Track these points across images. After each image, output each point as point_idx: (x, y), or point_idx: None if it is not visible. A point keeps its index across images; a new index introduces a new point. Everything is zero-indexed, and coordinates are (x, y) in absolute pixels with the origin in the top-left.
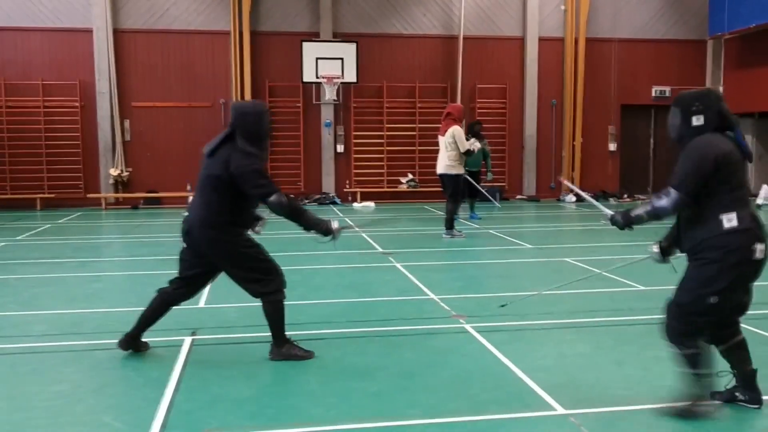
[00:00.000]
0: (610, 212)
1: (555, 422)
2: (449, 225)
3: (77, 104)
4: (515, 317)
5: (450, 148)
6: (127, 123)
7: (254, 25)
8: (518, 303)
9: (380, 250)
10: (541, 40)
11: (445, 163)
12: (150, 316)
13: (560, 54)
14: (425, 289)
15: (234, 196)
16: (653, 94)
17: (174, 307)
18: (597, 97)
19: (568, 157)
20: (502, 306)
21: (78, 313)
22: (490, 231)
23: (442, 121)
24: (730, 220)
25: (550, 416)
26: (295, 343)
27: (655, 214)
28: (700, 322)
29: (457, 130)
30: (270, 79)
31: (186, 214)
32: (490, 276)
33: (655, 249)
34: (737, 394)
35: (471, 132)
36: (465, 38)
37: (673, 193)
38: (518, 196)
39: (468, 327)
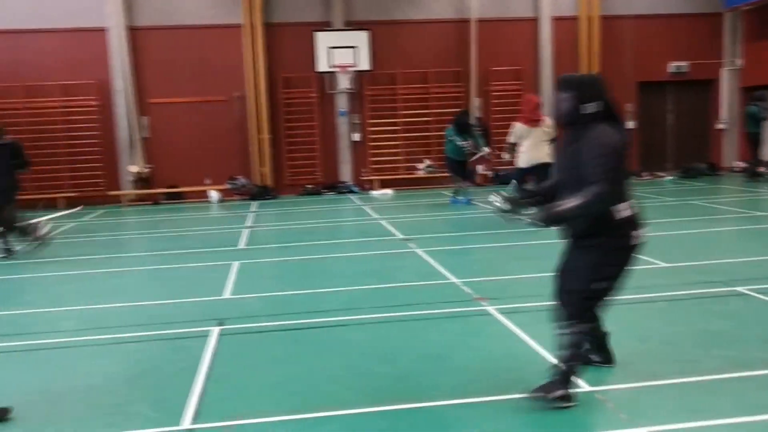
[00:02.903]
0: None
1: (581, 399)
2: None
3: (95, 103)
4: (537, 298)
5: (548, 137)
6: (145, 120)
7: (267, 17)
8: (539, 283)
9: (400, 236)
10: (554, 19)
11: (548, 152)
12: None
13: (574, 33)
14: (446, 273)
15: None
16: (670, 70)
17: (200, 299)
18: (613, 76)
19: None
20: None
21: (106, 307)
22: None
23: (534, 113)
24: (623, 210)
25: (576, 393)
26: None
27: (583, 212)
28: (588, 305)
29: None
30: (284, 71)
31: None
32: (511, 258)
33: (496, 199)
34: (591, 356)
35: (462, 123)
36: (477, 21)
37: (598, 189)
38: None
39: (490, 309)
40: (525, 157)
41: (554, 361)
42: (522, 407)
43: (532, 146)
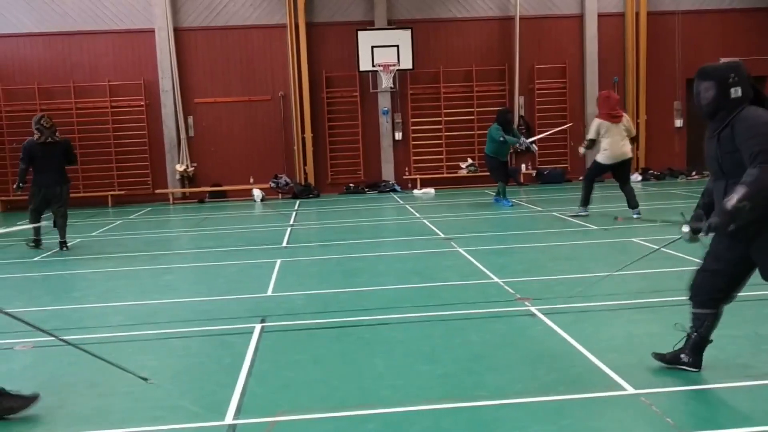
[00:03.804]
0: (690, 225)
1: (625, 402)
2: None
3: (142, 103)
4: (581, 299)
5: (627, 133)
6: (190, 119)
7: (309, 17)
8: (583, 283)
9: (442, 235)
10: (600, 16)
11: (629, 148)
12: None
13: (621, 30)
14: (488, 273)
15: None
16: None
17: (243, 296)
18: (661, 73)
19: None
20: (579, 290)
21: (152, 303)
22: (553, 213)
23: (615, 108)
24: None
25: (621, 396)
26: (12, 392)
27: (757, 197)
28: None
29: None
30: (327, 70)
31: None
32: (554, 258)
33: (686, 229)
34: (682, 356)
35: (506, 120)
36: (521, 18)
37: (758, 170)
38: (581, 178)
39: (533, 309)
40: (607, 154)
41: None
42: (565, 409)
43: (614, 143)
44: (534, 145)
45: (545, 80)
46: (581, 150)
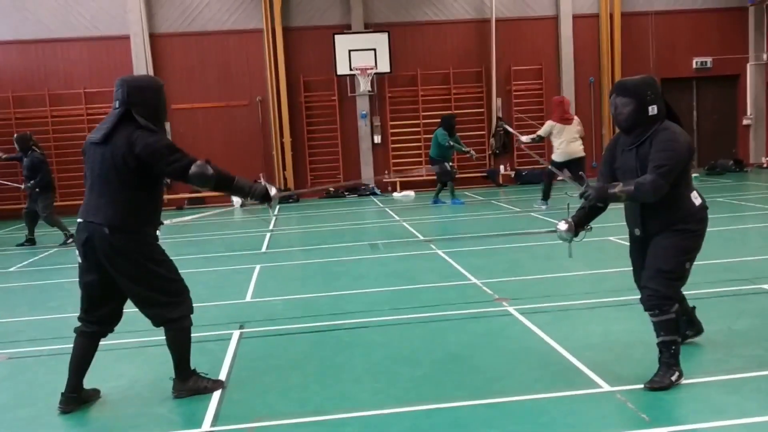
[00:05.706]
0: (582, 187)
1: (601, 399)
2: None
3: None
4: (559, 298)
5: (579, 134)
6: (168, 125)
7: (286, 21)
8: (561, 283)
9: (421, 237)
10: (575, 17)
11: (581, 147)
12: (83, 361)
13: (596, 31)
14: (467, 274)
15: (146, 188)
16: (694, 66)
17: (222, 302)
18: (636, 72)
19: (609, 135)
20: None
21: (129, 312)
22: (531, 213)
23: (567, 112)
24: (696, 198)
25: (596, 393)
26: (202, 374)
27: (636, 198)
28: (678, 285)
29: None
30: (304, 74)
31: (81, 219)
32: (533, 258)
33: (563, 227)
34: (686, 332)
35: (452, 125)
36: (497, 21)
37: (658, 180)
38: (559, 178)
39: (511, 309)
40: (560, 152)
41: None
42: (543, 407)
43: (566, 143)
44: (473, 152)
45: (522, 82)
46: (524, 138)
